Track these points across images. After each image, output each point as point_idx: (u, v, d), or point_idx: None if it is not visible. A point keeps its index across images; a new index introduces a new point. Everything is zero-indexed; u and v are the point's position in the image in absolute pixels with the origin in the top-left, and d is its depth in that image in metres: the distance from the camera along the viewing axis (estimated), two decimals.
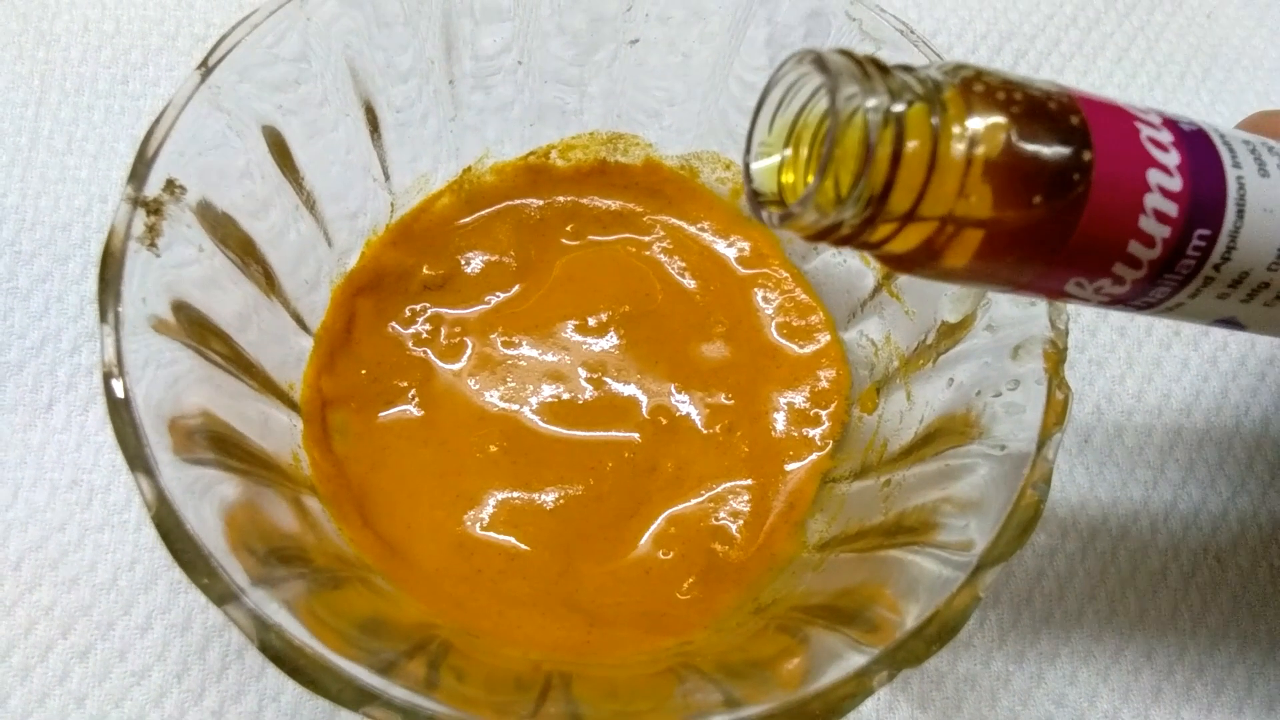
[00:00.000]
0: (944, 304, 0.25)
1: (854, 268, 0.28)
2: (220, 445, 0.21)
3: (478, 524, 0.26)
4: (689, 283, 0.29)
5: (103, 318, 0.20)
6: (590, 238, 0.30)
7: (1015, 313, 0.23)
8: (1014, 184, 0.15)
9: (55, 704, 0.25)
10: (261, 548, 0.20)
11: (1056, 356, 0.22)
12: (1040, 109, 0.16)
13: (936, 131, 0.15)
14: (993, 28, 0.35)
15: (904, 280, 0.27)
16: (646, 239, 0.30)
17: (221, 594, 0.18)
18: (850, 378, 0.28)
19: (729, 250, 0.30)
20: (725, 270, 0.30)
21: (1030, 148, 0.15)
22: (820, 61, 0.16)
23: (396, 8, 0.26)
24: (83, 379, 0.28)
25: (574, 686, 0.20)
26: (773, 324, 0.29)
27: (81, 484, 0.27)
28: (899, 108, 0.15)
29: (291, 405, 0.26)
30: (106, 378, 0.19)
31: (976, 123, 0.15)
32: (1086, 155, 0.16)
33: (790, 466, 0.27)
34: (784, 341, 0.29)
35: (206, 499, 0.20)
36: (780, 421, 0.28)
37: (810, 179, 0.17)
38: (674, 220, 0.30)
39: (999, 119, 0.15)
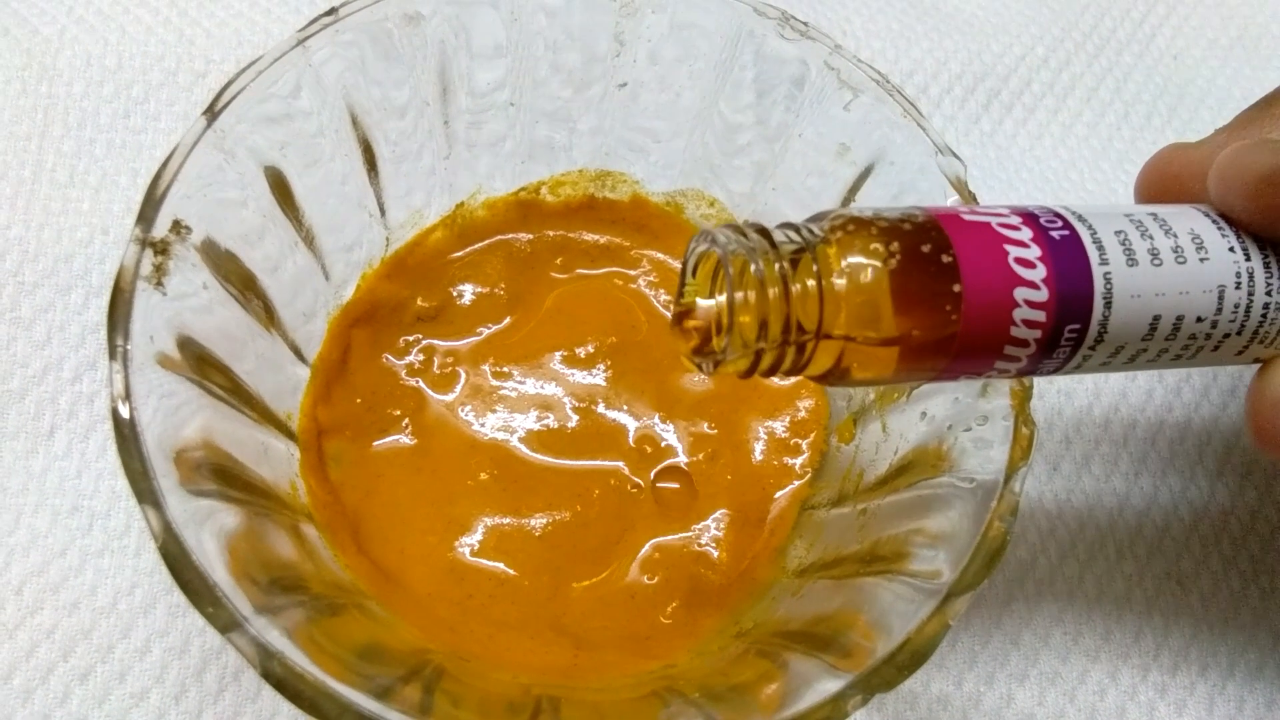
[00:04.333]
0: None
1: None
2: (222, 476, 0.22)
3: (468, 549, 0.27)
4: None
5: (112, 355, 0.21)
6: (579, 271, 0.31)
7: None
8: (894, 318, 0.18)
9: None
10: (263, 577, 0.21)
11: (1023, 394, 0.23)
12: (913, 252, 0.18)
13: (818, 277, 0.18)
14: (967, 69, 0.37)
15: None
16: (633, 272, 0.31)
17: (226, 623, 0.19)
18: (829, 408, 0.29)
19: None
20: None
21: (903, 289, 0.18)
22: (711, 238, 0.19)
23: (395, 48, 0.27)
24: (84, 407, 0.29)
25: (563, 710, 0.21)
26: None
27: (82, 510, 0.28)
28: (777, 266, 0.18)
29: (289, 434, 0.26)
30: (115, 414, 0.20)
31: (850, 269, 0.18)
32: (956, 288, 0.18)
33: (771, 495, 0.28)
34: None
35: (208, 529, 0.21)
36: (761, 450, 0.29)
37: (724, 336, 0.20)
38: (659, 255, 0.31)
39: (873, 265, 0.18)
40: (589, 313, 0.30)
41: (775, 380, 0.20)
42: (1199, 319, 0.19)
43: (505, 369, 0.29)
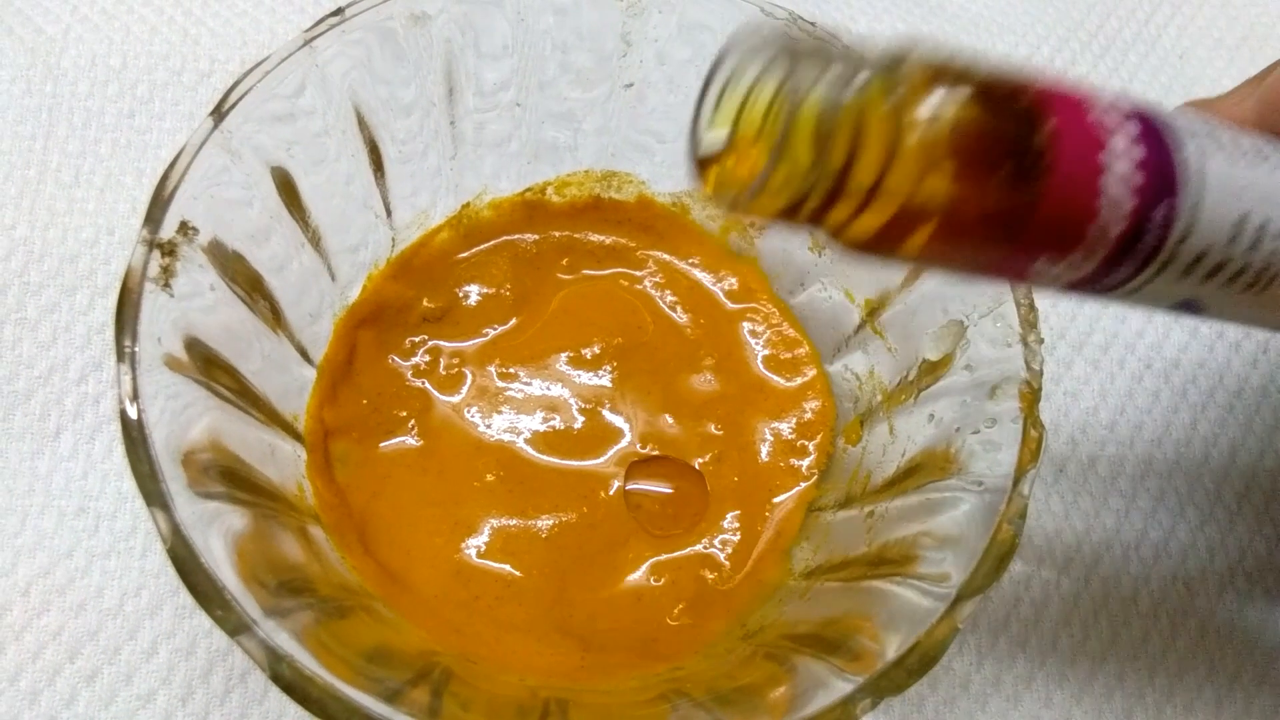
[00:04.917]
0: (925, 342, 0.26)
1: (839, 303, 0.29)
2: (230, 478, 0.22)
3: (475, 551, 0.27)
4: (680, 316, 0.30)
5: (120, 357, 0.21)
6: (585, 272, 0.31)
7: (992, 353, 0.24)
8: (972, 164, 0.15)
9: None
10: (271, 579, 0.21)
11: (1031, 396, 0.23)
12: (997, 87, 0.15)
13: (896, 109, 0.15)
14: None
15: (886, 317, 0.28)
16: (639, 273, 0.31)
17: (235, 626, 0.19)
18: (835, 410, 0.29)
19: (718, 285, 0.31)
20: (714, 304, 0.31)
21: (988, 128, 0.15)
22: (771, 52, 0.16)
23: (402, 47, 0.27)
24: (89, 408, 0.29)
25: (570, 713, 0.21)
26: (760, 357, 0.30)
27: (88, 511, 0.28)
28: (854, 88, 0.15)
29: (296, 436, 0.26)
30: (124, 416, 0.20)
31: (934, 101, 0.15)
32: (1046, 129, 0.15)
33: (778, 497, 0.28)
34: (771, 374, 0.30)
35: (216, 531, 0.21)
36: (767, 452, 0.29)
37: (765, 158, 0.16)
38: (665, 255, 0.31)
39: (958, 99, 0.15)
40: (595, 313, 0.30)
41: (810, 232, 0.17)
42: None
43: (511, 370, 0.29)
